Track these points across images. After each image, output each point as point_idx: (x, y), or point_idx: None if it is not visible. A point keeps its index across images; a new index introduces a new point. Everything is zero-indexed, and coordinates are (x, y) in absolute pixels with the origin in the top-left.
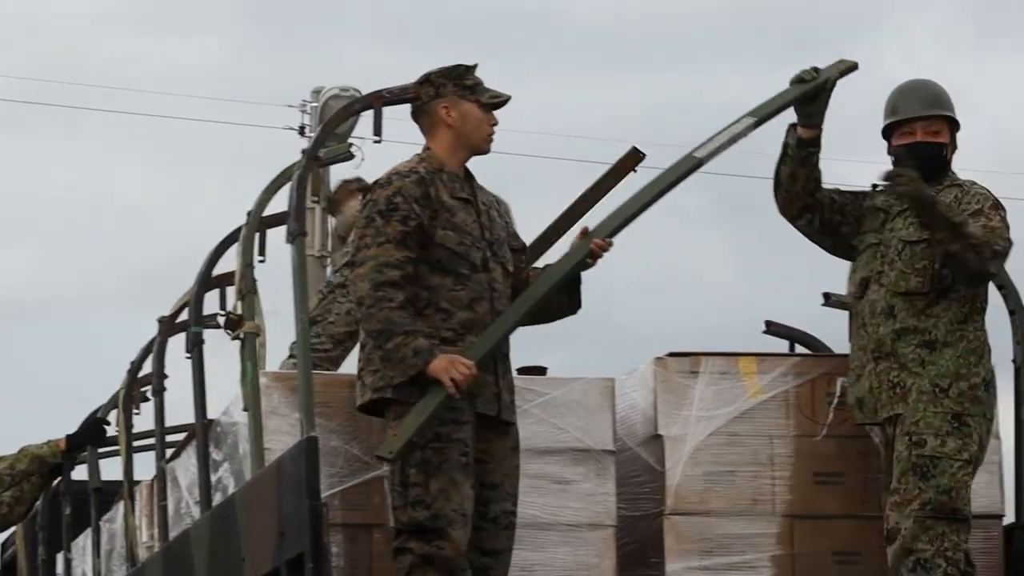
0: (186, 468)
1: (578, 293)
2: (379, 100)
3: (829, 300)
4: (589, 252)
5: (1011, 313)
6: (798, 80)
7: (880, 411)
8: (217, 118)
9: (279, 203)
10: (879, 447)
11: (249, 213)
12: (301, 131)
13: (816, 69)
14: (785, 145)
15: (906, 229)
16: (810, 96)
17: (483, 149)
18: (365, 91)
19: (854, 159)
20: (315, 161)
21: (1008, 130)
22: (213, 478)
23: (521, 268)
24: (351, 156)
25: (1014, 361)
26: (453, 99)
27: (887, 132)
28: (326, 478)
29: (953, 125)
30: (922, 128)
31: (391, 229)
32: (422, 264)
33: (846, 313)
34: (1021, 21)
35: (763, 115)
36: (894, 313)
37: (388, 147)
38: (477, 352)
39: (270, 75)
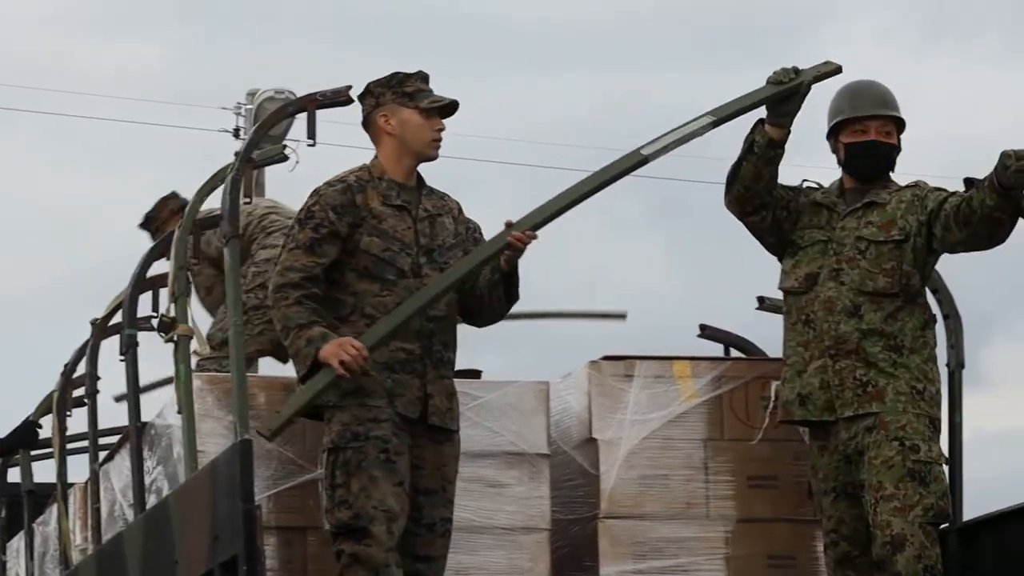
0: (120, 471)
1: (515, 287)
2: (313, 103)
3: (763, 304)
4: (507, 244)
5: (945, 317)
6: (776, 81)
7: (840, 409)
8: (152, 120)
9: (213, 205)
10: (812, 448)
11: (183, 215)
12: (236, 133)
13: (796, 70)
14: (752, 143)
15: (865, 228)
16: (783, 96)
17: (428, 155)
18: (300, 93)
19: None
20: (249, 163)
21: (951, 134)
22: (147, 481)
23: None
24: (285, 158)
25: (948, 365)
26: (392, 107)
27: (834, 130)
28: (260, 481)
29: (900, 127)
30: (876, 127)
31: (303, 236)
32: (350, 271)
33: (780, 316)
34: (964, 25)
35: (724, 115)
36: (860, 312)
37: (323, 149)
38: (371, 337)
39: (205, 77)
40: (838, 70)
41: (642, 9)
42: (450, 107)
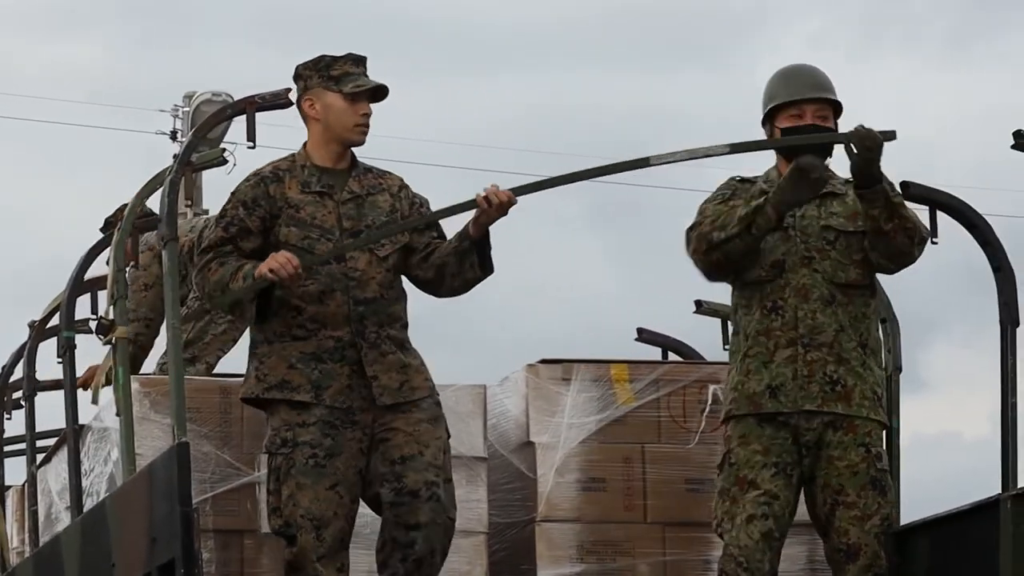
0: (57, 473)
1: (487, 257)
2: (252, 105)
3: (701, 307)
4: (473, 202)
5: (882, 321)
6: (806, 166)
7: (801, 402)
8: (90, 122)
9: (152, 207)
10: (753, 421)
11: (122, 218)
12: (173, 136)
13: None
14: (751, 223)
15: (828, 218)
16: (820, 147)
17: (353, 140)
18: (237, 95)
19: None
20: (188, 166)
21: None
22: (84, 483)
23: (430, 253)
24: (224, 161)
25: (885, 369)
26: (318, 91)
27: (770, 115)
28: (197, 484)
29: (837, 112)
30: (812, 111)
31: (214, 235)
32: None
33: (718, 320)
34: (899, 31)
35: (744, 146)
36: (835, 303)
37: (263, 152)
38: (308, 260)
39: (143, 79)
40: (891, 136)
41: (582, 13)
42: (378, 92)
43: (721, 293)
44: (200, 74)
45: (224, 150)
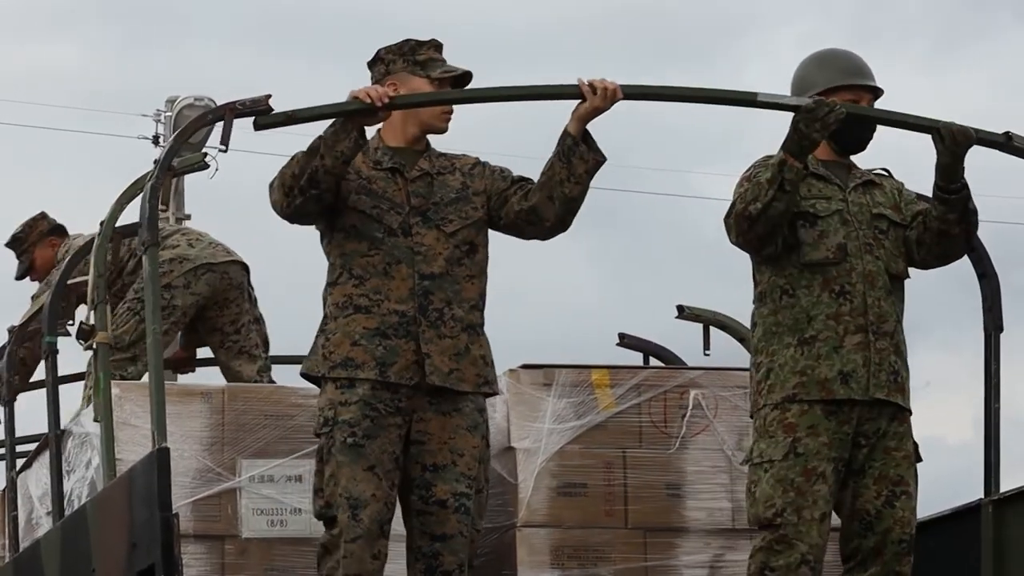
0: (38, 478)
1: (596, 146)
2: (231, 111)
3: (683, 312)
4: (576, 90)
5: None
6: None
7: (873, 390)
8: (71, 126)
9: (133, 213)
10: (814, 411)
11: (102, 223)
12: (155, 140)
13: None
14: (782, 181)
15: (875, 207)
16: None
17: (436, 127)
18: (219, 100)
19: (724, 173)
20: (169, 171)
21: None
22: (65, 488)
23: (518, 192)
24: (206, 166)
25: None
26: (403, 75)
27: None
28: (178, 489)
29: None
30: (869, 99)
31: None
32: (337, 231)
33: (699, 326)
34: (889, 31)
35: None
36: (893, 294)
37: (237, 156)
38: (402, 99)
39: (125, 83)
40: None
41: (568, 16)
42: (463, 78)
43: (705, 299)
44: (182, 78)
45: (206, 154)
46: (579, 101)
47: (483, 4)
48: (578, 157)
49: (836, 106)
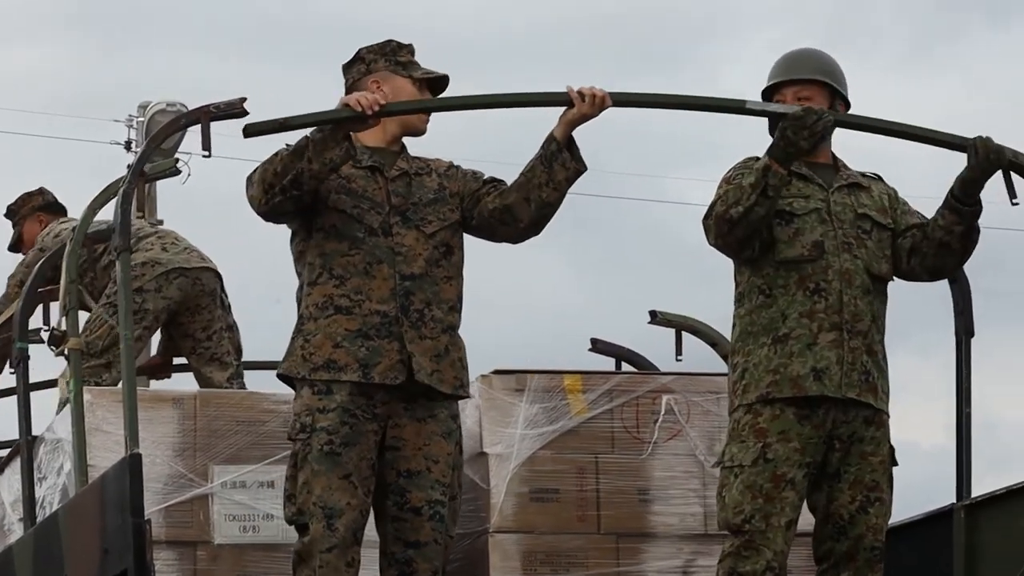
0: (10, 484)
1: (578, 154)
2: (207, 115)
3: (655, 318)
4: (565, 97)
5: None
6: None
7: (845, 388)
8: (43, 131)
9: (105, 218)
10: (786, 415)
11: (74, 229)
12: (128, 146)
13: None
14: (765, 186)
15: (860, 207)
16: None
17: (416, 128)
18: (192, 106)
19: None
20: (141, 176)
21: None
22: (37, 495)
23: (491, 192)
24: (178, 172)
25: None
26: (385, 74)
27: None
28: (150, 495)
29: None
30: (793, 93)
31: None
32: (317, 231)
33: (672, 331)
34: (863, 37)
35: (842, 119)
36: (871, 294)
37: (217, 162)
38: (391, 105)
39: (96, 87)
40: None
41: (538, 20)
42: (442, 81)
43: (681, 303)
44: (155, 83)
45: (177, 160)
46: (567, 107)
47: (451, 9)
48: (560, 163)
49: (824, 114)
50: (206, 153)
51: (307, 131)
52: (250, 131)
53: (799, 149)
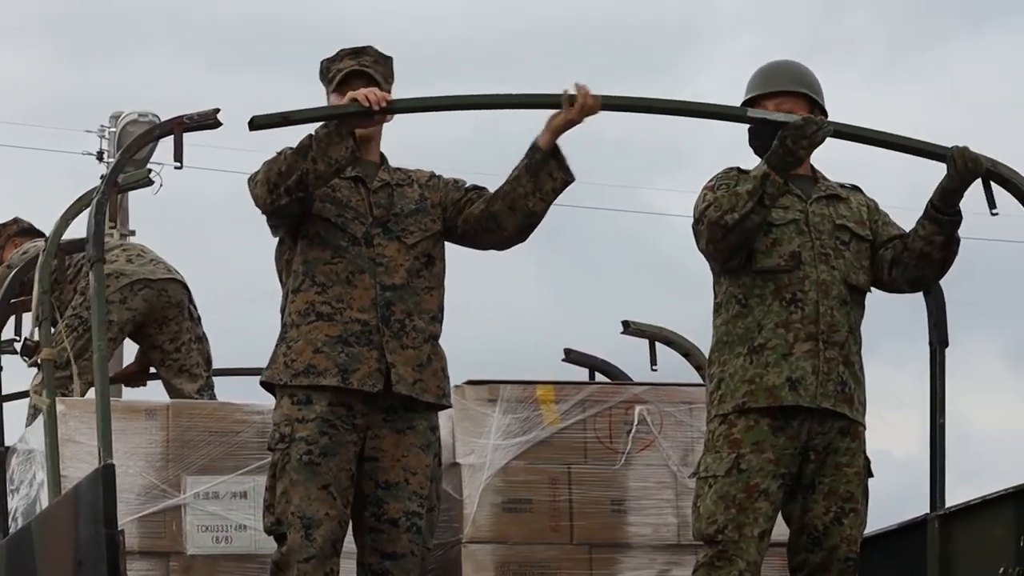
0: None
1: (566, 163)
2: (180, 126)
3: (628, 328)
4: (556, 100)
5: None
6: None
7: (820, 399)
8: (14, 141)
9: (78, 229)
10: (760, 427)
11: (46, 239)
12: (100, 156)
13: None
14: (762, 195)
15: (839, 218)
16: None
17: (359, 124)
18: (164, 116)
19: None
20: (114, 187)
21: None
22: (9, 505)
23: (475, 199)
24: (151, 182)
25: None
26: (329, 96)
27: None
28: (124, 505)
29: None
30: (798, 106)
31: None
32: (301, 238)
33: (645, 342)
34: (832, 48)
35: (840, 128)
36: (848, 304)
37: (189, 173)
38: (397, 103)
39: (69, 98)
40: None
41: (517, 28)
42: (359, 73)
43: (656, 313)
44: (127, 93)
45: (150, 171)
46: (555, 112)
47: (435, 16)
48: (546, 174)
49: (824, 123)
50: (178, 165)
51: (312, 127)
52: (255, 124)
53: (798, 158)
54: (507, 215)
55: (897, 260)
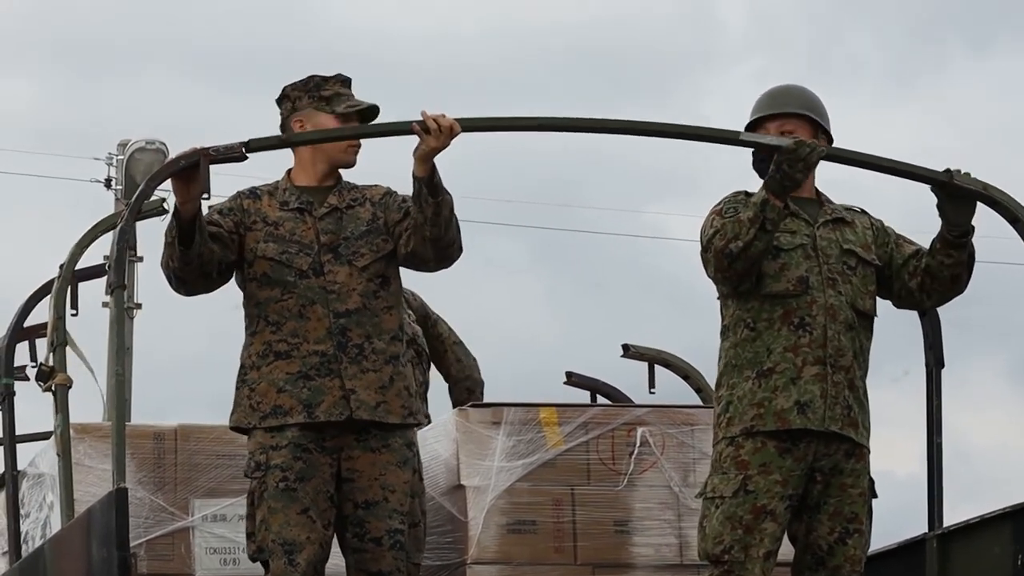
0: None
1: (436, 185)
2: (207, 157)
3: (628, 351)
4: (410, 124)
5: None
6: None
7: (828, 422)
8: (22, 169)
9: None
10: (767, 449)
11: (61, 266)
12: (108, 184)
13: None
14: (764, 221)
15: (845, 243)
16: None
17: (345, 160)
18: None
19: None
20: (138, 215)
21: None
22: (22, 528)
23: (402, 235)
24: (164, 211)
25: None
26: (308, 112)
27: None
28: (132, 528)
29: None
30: (800, 128)
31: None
32: (250, 281)
33: (645, 364)
34: (842, 67)
35: (834, 152)
36: (855, 329)
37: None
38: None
39: (75, 125)
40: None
41: (519, 53)
42: (369, 112)
43: (659, 336)
44: (134, 119)
45: (163, 200)
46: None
47: (429, 42)
48: (424, 200)
49: (817, 146)
50: (206, 196)
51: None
52: (252, 147)
53: (795, 181)
54: (422, 247)
55: (926, 290)
